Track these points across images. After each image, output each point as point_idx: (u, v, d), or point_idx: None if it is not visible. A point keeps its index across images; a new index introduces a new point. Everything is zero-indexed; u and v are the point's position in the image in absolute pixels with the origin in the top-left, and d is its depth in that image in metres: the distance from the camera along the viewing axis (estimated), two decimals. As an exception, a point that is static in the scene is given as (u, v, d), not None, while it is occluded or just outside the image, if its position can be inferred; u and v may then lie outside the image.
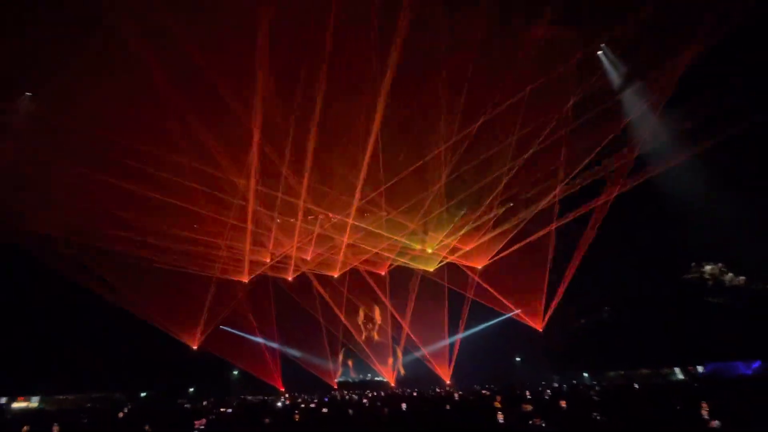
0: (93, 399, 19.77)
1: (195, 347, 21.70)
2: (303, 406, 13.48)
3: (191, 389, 24.79)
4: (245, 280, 19.52)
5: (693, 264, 17.30)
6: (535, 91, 11.21)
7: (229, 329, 23.36)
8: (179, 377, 23.34)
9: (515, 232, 17.10)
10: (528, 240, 17.45)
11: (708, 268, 16.74)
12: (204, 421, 7.27)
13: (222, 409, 14.08)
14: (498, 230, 17.14)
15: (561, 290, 18.36)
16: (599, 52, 12.11)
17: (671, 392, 11.37)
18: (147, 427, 7.61)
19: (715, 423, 5.66)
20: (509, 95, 11.25)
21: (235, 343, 23.09)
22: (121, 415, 12.74)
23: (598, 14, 9.93)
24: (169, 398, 20.68)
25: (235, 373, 25.93)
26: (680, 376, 19.70)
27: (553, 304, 18.97)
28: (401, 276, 21.54)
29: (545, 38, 9.50)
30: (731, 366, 17.31)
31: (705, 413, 6.40)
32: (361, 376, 25.85)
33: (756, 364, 16.39)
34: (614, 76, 12.19)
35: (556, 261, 18.08)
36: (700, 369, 18.82)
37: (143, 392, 23.38)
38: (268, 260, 19.22)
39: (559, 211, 16.06)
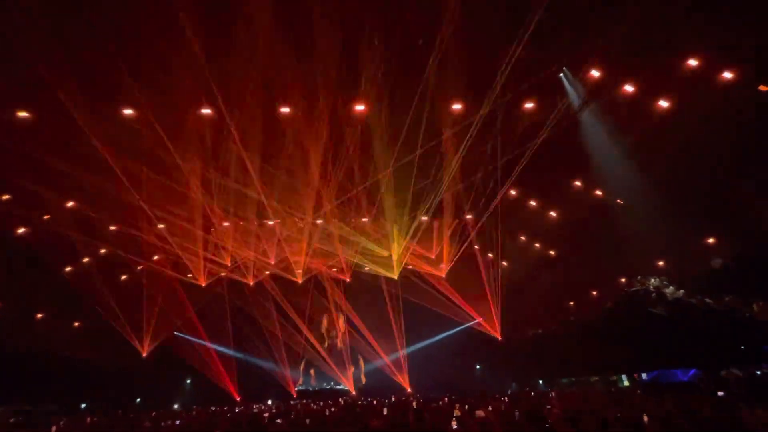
0: (19, 413, 17.34)
1: (144, 354, 20.38)
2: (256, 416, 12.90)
3: (138, 399, 23.16)
4: (202, 283, 18.58)
5: (639, 277, 18.41)
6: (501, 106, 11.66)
7: (183, 335, 22.13)
8: (125, 386, 21.76)
9: (468, 240, 17.54)
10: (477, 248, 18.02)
11: (652, 281, 17.86)
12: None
13: (169, 422, 13.17)
14: (457, 238, 17.51)
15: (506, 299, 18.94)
16: (560, 74, 12.68)
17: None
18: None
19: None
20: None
21: (189, 351, 21.87)
22: (55, 429, 11.66)
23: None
24: (112, 410, 19.13)
25: (188, 381, 24.52)
26: (626, 383, 20.88)
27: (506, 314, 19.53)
28: (363, 284, 21.39)
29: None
30: (671, 373, 18.62)
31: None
32: (324, 384, 25.29)
33: (692, 372, 17.72)
34: (574, 98, 12.81)
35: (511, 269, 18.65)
36: (644, 376, 20.06)
37: (83, 404, 21.52)
38: (228, 263, 18.42)
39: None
